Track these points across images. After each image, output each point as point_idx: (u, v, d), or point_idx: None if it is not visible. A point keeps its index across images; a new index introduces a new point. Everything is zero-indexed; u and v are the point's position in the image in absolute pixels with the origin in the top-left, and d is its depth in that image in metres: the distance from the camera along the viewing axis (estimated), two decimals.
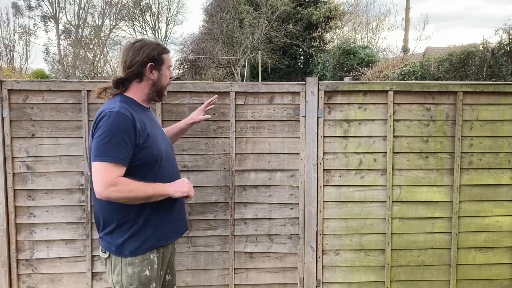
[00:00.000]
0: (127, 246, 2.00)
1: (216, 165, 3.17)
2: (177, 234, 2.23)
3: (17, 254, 3.10)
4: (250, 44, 22.45)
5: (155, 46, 2.11)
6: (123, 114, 1.92)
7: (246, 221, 3.21)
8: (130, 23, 29.49)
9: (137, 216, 2.01)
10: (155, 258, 2.07)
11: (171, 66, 2.20)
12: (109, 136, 1.88)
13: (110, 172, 1.86)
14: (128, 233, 2.01)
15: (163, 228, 2.10)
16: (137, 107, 2.08)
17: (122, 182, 1.87)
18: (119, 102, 2.00)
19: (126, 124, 1.91)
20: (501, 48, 7.22)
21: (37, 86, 3.03)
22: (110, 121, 1.90)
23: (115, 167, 1.87)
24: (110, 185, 1.85)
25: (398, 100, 3.18)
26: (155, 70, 2.10)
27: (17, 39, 29.17)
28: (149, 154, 2.01)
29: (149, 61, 2.07)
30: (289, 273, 3.26)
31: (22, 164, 3.05)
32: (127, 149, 1.90)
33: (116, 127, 1.89)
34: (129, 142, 1.91)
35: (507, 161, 3.24)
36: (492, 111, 3.21)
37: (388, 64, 13.61)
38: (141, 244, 2.02)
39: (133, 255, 2.01)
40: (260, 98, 3.17)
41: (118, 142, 1.88)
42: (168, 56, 2.19)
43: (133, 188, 1.90)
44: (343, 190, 3.22)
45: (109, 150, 1.87)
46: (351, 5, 25.05)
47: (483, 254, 3.29)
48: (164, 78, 2.15)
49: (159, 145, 2.09)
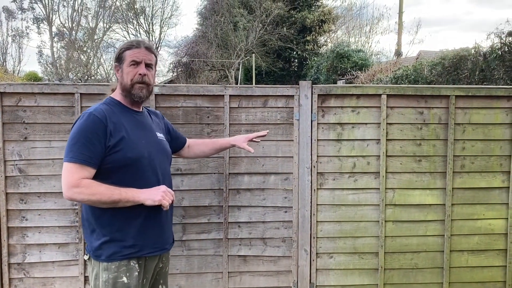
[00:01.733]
0: (104, 250, 1.96)
1: (210, 168, 3.16)
2: (160, 249, 2.13)
3: (8, 258, 3.08)
4: (244, 47, 22.46)
5: (124, 45, 2.09)
6: (94, 115, 1.92)
7: (240, 224, 3.21)
8: (124, 25, 29.42)
9: (113, 221, 1.96)
10: (135, 265, 2.00)
11: (135, 61, 2.05)
12: (77, 137, 1.89)
13: (73, 173, 1.85)
14: (104, 237, 1.96)
15: (145, 240, 2.03)
16: (121, 109, 2.07)
17: (84, 184, 1.85)
18: (100, 103, 2.03)
19: (96, 126, 1.90)
20: (493, 52, 7.27)
21: (30, 89, 3.01)
22: (80, 123, 1.92)
23: (79, 168, 1.86)
24: (72, 186, 1.84)
25: (391, 103, 3.20)
26: (119, 69, 2.09)
27: (9, 41, 28.98)
28: (122, 157, 1.95)
29: (115, 62, 2.10)
30: (283, 277, 3.25)
31: (14, 167, 3.03)
32: (94, 150, 1.88)
33: (84, 128, 1.90)
34: (97, 144, 1.89)
35: (499, 164, 3.26)
36: (484, 114, 3.24)
37: (382, 68, 13.68)
38: (118, 250, 1.96)
39: (109, 260, 1.96)
40: (254, 101, 3.18)
41: (84, 143, 1.87)
42: (133, 51, 2.05)
43: (96, 191, 1.86)
44: (336, 193, 3.23)
45: (75, 151, 1.86)
46: (345, 9, 25.20)
47: (475, 257, 3.31)
48: (125, 75, 2.05)
49: (137, 148, 2.01)
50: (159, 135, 2.25)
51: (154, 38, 29.97)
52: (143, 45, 2.08)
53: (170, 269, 3.14)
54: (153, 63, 2.12)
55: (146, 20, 29.78)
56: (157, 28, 29.99)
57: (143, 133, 2.10)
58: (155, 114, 2.41)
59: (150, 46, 2.12)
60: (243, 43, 22.43)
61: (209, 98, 3.15)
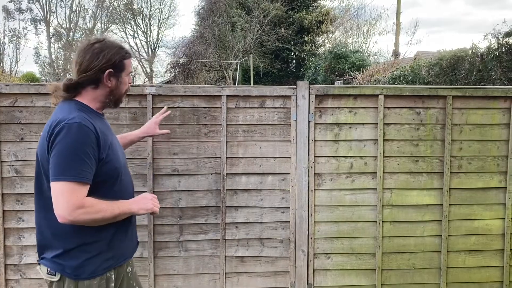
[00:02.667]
0: (86, 267, 1.82)
1: (207, 169, 3.16)
2: (131, 254, 2.08)
3: (5, 259, 3.06)
4: (242, 48, 22.47)
5: (117, 50, 1.89)
6: (85, 126, 1.73)
7: (237, 225, 3.20)
8: (122, 26, 29.43)
9: (95, 235, 1.84)
10: (112, 276, 1.91)
11: (132, 72, 2.00)
12: (72, 152, 1.68)
13: (76, 193, 1.67)
14: (87, 254, 1.82)
15: (121, 249, 1.97)
16: (94, 115, 1.88)
17: (89, 204, 1.70)
18: (76, 111, 1.79)
19: (90, 138, 1.73)
20: (490, 53, 7.29)
21: (26, 89, 3.00)
22: (72, 135, 1.70)
23: (81, 187, 1.69)
24: (77, 207, 1.66)
25: (388, 104, 3.20)
26: (113, 77, 1.89)
27: (7, 42, 28.93)
28: (111, 168, 1.84)
29: (109, 67, 1.85)
30: (281, 277, 3.25)
31: (10, 168, 3.02)
32: (91, 165, 1.73)
33: (79, 141, 1.70)
34: (93, 158, 1.74)
35: (496, 164, 3.27)
36: (481, 115, 3.25)
37: (379, 68, 13.70)
38: (100, 264, 1.85)
39: (92, 276, 1.83)
40: (251, 102, 3.17)
41: (83, 158, 1.69)
42: (130, 61, 1.97)
43: (101, 209, 1.73)
44: (334, 193, 3.23)
45: (73, 168, 1.67)
46: (342, 10, 25.25)
47: (472, 257, 3.31)
48: (123, 85, 1.95)
49: (119, 156, 1.93)
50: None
51: (152, 38, 29.98)
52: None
53: (167, 270, 3.15)
54: None
55: (143, 20, 29.82)
56: (155, 28, 30.09)
57: (114, 138, 2.00)
58: None
59: None
60: (241, 43, 22.44)
61: (206, 98, 3.14)
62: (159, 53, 30.14)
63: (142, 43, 30.52)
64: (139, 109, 3.08)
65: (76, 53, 1.91)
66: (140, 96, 3.09)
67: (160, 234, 3.14)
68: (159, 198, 3.10)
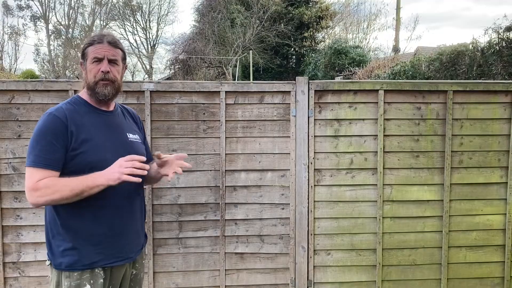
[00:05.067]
0: (64, 258, 1.82)
1: (206, 166, 3.14)
2: (129, 255, 1.98)
3: (3, 257, 3.05)
4: (242, 44, 22.40)
5: (88, 40, 1.93)
6: (54, 115, 1.80)
7: (236, 221, 3.19)
8: (121, 23, 29.34)
9: (78, 226, 1.83)
10: (101, 272, 1.86)
11: (97, 58, 1.90)
12: (37, 139, 1.78)
13: (32, 177, 1.74)
14: (67, 244, 1.82)
15: (108, 250, 1.88)
16: (87, 108, 1.90)
17: (43, 185, 1.72)
18: (64, 102, 1.91)
19: (55, 126, 1.78)
20: (491, 48, 7.27)
21: (23, 86, 2.98)
22: (39, 124, 1.81)
23: (40, 172, 1.74)
24: (31, 190, 1.73)
25: (388, 99, 3.18)
26: (83, 67, 1.94)
27: (6, 39, 28.85)
28: (83, 161, 1.81)
29: (81, 58, 1.95)
30: (281, 274, 3.24)
31: (8, 165, 3.00)
32: (54, 152, 1.76)
33: (43, 129, 1.78)
34: (57, 145, 1.76)
35: (497, 159, 3.25)
36: (482, 109, 3.22)
37: (379, 64, 13.66)
38: (79, 259, 1.82)
39: (72, 269, 1.82)
40: (250, 98, 3.15)
41: (43, 145, 1.76)
42: (94, 47, 1.89)
43: (56, 189, 1.73)
44: (334, 189, 3.21)
45: (35, 154, 1.76)
46: (342, 5, 25.12)
47: (473, 253, 3.30)
48: (88, 73, 1.90)
49: (100, 152, 1.85)
50: (131, 136, 2.03)
51: (151, 35, 29.91)
52: (106, 40, 1.91)
53: (166, 267, 3.14)
54: (117, 58, 1.94)
55: (143, 17, 29.71)
56: (154, 25, 29.99)
57: (109, 135, 1.94)
58: (131, 114, 2.18)
59: (114, 40, 1.95)
60: (240, 39, 22.37)
61: (205, 94, 3.12)
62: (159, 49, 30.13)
63: (141, 40, 30.43)
64: (137, 106, 3.06)
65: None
66: (138, 93, 3.06)
67: (159, 231, 3.13)
68: (158, 195, 3.09)
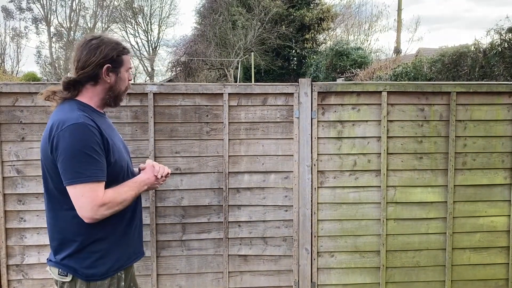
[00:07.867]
0: (97, 269, 1.81)
1: (210, 168, 3.14)
2: (140, 253, 2.07)
3: (7, 260, 3.05)
4: (243, 46, 22.44)
5: (114, 46, 1.86)
6: (89, 125, 1.71)
7: (240, 223, 3.18)
8: (122, 25, 29.41)
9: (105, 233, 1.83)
10: (122, 275, 1.92)
11: (131, 68, 1.98)
12: (82, 152, 1.67)
13: (96, 192, 1.69)
14: (98, 253, 1.82)
15: (130, 247, 1.95)
16: (95, 114, 1.85)
17: (110, 198, 1.73)
18: (77, 111, 1.76)
19: (96, 136, 1.72)
20: (493, 49, 7.26)
21: (27, 88, 2.98)
22: (78, 135, 1.68)
23: (98, 185, 1.71)
24: (100, 206, 1.69)
25: (391, 100, 3.17)
26: (112, 72, 1.86)
27: (8, 41, 28.95)
28: (118, 167, 1.84)
29: (106, 62, 1.82)
30: (284, 276, 3.23)
31: (12, 168, 3.00)
32: (103, 162, 1.74)
33: (86, 141, 1.69)
34: (102, 154, 1.74)
35: (501, 161, 3.24)
36: (486, 111, 3.21)
37: (381, 65, 13.67)
38: (112, 266, 1.85)
39: (104, 277, 1.83)
40: (253, 100, 3.15)
41: (94, 157, 1.70)
42: (128, 57, 1.94)
43: (122, 199, 1.77)
44: (337, 191, 3.20)
45: (87, 169, 1.68)
46: (343, 7, 25.16)
47: (477, 255, 3.29)
48: (122, 82, 1.91)
49: (122, 155, 1.90)
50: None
51: (152, 37, 29.96)
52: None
53: (170, 269, 3.14)
54: None
55: (144, 19, 29.77)
56: (156, 27, 30.06)
57: (117, 137, 1.97)
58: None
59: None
60: (241, 41, 22.40)
61: (208, 96, 3.12)
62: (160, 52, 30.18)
63: (143, 42, 30.51)
64: (141, 108, 3.06)
65: (74, 51, 1.88)
66: (141, 95, 3.07)
67: (162, 233, 3.12)
68: (161, 197, 3.09)
